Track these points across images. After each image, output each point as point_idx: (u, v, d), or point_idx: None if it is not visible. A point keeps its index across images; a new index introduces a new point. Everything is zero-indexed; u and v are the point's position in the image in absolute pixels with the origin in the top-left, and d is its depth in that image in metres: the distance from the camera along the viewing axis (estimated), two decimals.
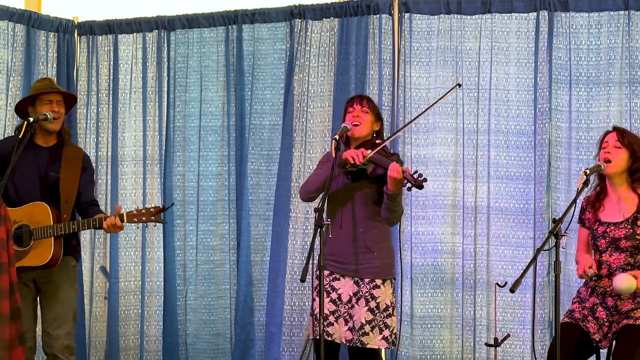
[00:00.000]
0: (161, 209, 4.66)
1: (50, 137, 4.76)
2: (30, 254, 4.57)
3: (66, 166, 4.72)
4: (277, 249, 5.94)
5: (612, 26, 5.53)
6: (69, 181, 4.70)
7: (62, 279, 4.70)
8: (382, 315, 4.44)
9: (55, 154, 4.75)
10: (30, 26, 6.17)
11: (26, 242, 4.58)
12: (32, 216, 4.58)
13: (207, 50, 6.26)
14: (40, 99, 4.73)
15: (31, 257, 4.56)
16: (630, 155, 4.26)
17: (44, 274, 4.65)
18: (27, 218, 4.59)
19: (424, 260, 5.73)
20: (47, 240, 4.55)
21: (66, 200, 4.66)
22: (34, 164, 4.69)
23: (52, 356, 4.65)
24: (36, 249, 4.56)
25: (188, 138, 6.26)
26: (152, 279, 6.17)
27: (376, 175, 4.40)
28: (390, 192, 4.31)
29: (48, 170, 4.69)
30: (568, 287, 5.41)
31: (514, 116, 5.69)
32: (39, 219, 4.57)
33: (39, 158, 4.71)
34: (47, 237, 4.55)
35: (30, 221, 4.58)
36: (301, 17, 6.01)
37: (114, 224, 4.55)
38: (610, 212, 4.28)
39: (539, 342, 5.49)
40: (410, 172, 4.21)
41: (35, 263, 4.56)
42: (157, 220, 4.64)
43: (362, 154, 4.35)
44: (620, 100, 5.49)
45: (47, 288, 4.69)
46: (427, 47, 5.81)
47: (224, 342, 6.14)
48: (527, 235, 5.61)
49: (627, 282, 4.05)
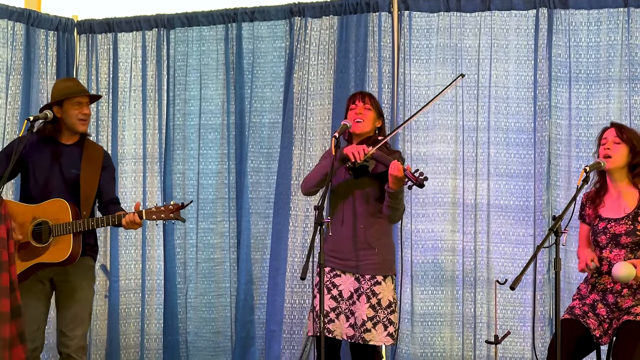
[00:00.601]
0: (180, 206, 4.66)
1: (74, 135, 4.79)
2: (49, 250, 4.57)
3: (87, 164, 4.74)
4: (277, 247, 5.94)
5: (612, 23, 5.53)
6: (89, 179, 4.72)
7: (80, 279, 4.70)
8: (386, 312, 4.44)
9: (76, 152, 4.77)
10: (30, 25, 6.17)
11: (45, 238, 4.58)
12: (52, 213, 4.59)
13: (207, 49, 6.26)
14: (69, 100, 4.73)
15: (50, 254, 4.57)
16: (630, 151, 4.26)
17: (61, 272, 4.66)
18: (47, 214, 4.60)
19: (424, 257, 5.73)
20: (65, 237, 4.56)
21: (86, 197, 4.68)
22: (55, 161, 4.71)
23: (66, 355, 4.64)
24: (55, 245, 4.56)
25: (188, 136, 6.27)
26: (153, 277, 6.17)
27: (378, 173, 4.40)
28: (391, 190, 4.31)
29: (69, 167, 4.71)
30: (568, 284, 5.41)
31: (513, 113, 5.69)
32: (58, 215, 4.58)
33: (60, 155, 4.73)
34: (66, 234, 4.56)
35: (50, 218, 4.59)
36: (301, 15, 6.01)
37: (133, 220, 4.56)
38: (611, 208, 4.28)
39: (540, 339, 5.49)
40: (412, 170, 4.21)
41: (53, 260, 4.57)
42: (176, 217, 4.64)
43: (363, 151, 4.35)
44: (620, 97, 5.49)
45: (64, 287, 4.69)
46: (426, 45, 5.81)
47: (224, 340, 6.14)
48: (527, 232, 5.61)
49: (626, 270, 4.05)
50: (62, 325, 4.67)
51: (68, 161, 4.73)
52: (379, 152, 4.38)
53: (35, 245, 4.58)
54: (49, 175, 4.70)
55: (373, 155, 4.37)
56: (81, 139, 4.82)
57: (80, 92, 4.79)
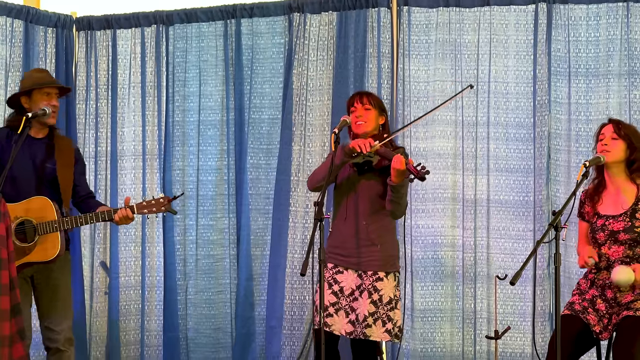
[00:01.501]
0: (171, 198, 4.66)
1: (44, 129, 4.71)
2: (36, 249, 4.54)
3: (60, 157, 4.68)
4: (277, 243, 5.94)
5: (611, 18, 5.52)
6: (65, 172, 4.67)
7: (60, 274, 4.68)
8: (386, 308, 4.45)
9: (48, 146, 4.70)
10: (29, 22, 6.17)
11: (30, 237, 4.54)
12: (34, 211, 4.54)
13: (206, 45, 6.25)
14: (38, 91, 4.67)
15: (37, 253, 4.53)
16: (628, 146, 4.26)
17: (43, 269, 4.61)
18: (30, 213, 4.55)
19: (424, 253, 5.73)
20: (52, 235, 4.53)
21: (65, 192, 4.63)
22: (28, 156, 4.63)
23: (55, 350, 4.64)
24: (42, 244, 4.53)
25: (187, 133, 6.26)
26: (152, 274, 6.17)
27: (381, 167, 4.41)
28: (393, 184, 4.32)
29: (44, 162, 4.65)
30: (568, 279, 5.41)
31: (513, 109, 5.68)
32: (42, 213, 4.53)
33: (33, 150, 4.66)
34: (53, 232, 4.52)
35: (34, 216, 4.54)
36: (300, 11, 6.00)
37: (126, 215, 4.56)
38: (609, 205, 4.28)
39: (540, 334, 5.49)
40: (414, 164, 4.22)
41: (41, 258, 4.54)
42: (167, 209, 4.64)
43: (369, 143, 4.36)
44: (620, 92, 5.49)
45: (46, 284, 4.65)
46: (425, 40, 5.81)
47: (224, 337, 6.15)
48: (527, 227, 5.61)
49: (625, 274, 4.06)
50: (47, 321, 4.64)
51: (42, 156, 4.65)
52: (384, 147, 4.40)
53: (20, 245, 4.51)
54: (24, 171, 4.60)
55: (377, 151, 4.38)
56: (50, 132, 4.74)
57: (49, 82, 4.72)
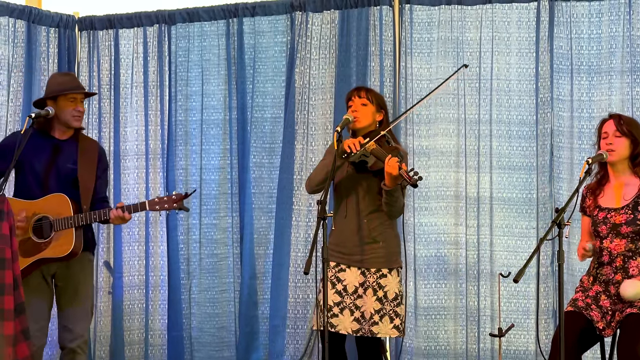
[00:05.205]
0: (184, 195, 4.68)
1: (68, 130, 4.79)
2: (51, 245, 4.59)
3: (83, 158, 4.75)
4: (280, 242, 5.95)
5: (613, 15, 5.52)
6: (87, 172, 4.73)
7: (82, 275, 4.73)
8: (392, 304, 4.45)
9: (72, 147, 4.77)
10: (31, 22, 6.17)
11: (47, 233, 4.60)
12: (52, 208, 4.60)
13: (208, 44, 6.26)
14: (64, 96, 4.72)
15: (52, 249, 4.58)
16: (631, 142, 4.28)
17: (63, 268, 4.67)
18: (47, 209, 4.61)
19: (427, 251, 5.73)
20: (67, 232, 4.58)
21: (85, 191, 4.68)
22: (52, 157, 4.71)
23: (69, 350, 4.66)
24: (57, 240, 4.58)
25: (190, 132, 6.27)
26: (156, 273, 6.18)
27: (377, 169, 4.40)
28: (387, 188, 4.32)
29: (66, 162, 4.72)
30: (572, 276, 5.41)
31: (515, 106, 5.68)
32: (59, 210, 4.59)
33: (57, 150, 4.73)
34: (68, 228, 4.57)
35: (51, 212, 4.60)
36: (302, 10, 6.00)
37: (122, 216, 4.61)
38: (610, 198, 4.29)
39: (543, 331, 5.49)
40: (407, 169, 4.20)
41: (56, 254, 4.58)
42: (180, 207, 4.67)
43: (359, 142, 4.36)
44: (622, 89, 5.49)
45: (66, 283, 4.71)
46: (428, 38, 5.81)
47: (228, 335, 6.15)
48: (530, 225, 5.61)
49: (634, 288, 4.07)
50: (66, 320, 4.69)
51: (65, 156, 4.73)
52: (377, 146, 4.37)
53: (36, 240, 4.59)
54: (47, 171, 4.69)
55: (372, 151, 4.36)
56: (75, 133, 4.82)
57: (75, 88, 4.78)
